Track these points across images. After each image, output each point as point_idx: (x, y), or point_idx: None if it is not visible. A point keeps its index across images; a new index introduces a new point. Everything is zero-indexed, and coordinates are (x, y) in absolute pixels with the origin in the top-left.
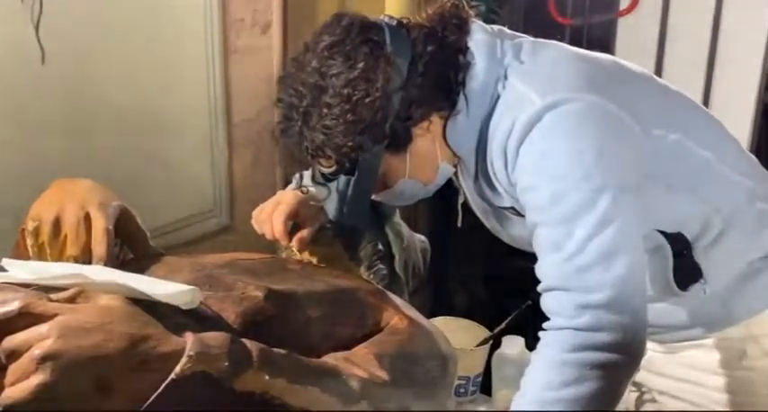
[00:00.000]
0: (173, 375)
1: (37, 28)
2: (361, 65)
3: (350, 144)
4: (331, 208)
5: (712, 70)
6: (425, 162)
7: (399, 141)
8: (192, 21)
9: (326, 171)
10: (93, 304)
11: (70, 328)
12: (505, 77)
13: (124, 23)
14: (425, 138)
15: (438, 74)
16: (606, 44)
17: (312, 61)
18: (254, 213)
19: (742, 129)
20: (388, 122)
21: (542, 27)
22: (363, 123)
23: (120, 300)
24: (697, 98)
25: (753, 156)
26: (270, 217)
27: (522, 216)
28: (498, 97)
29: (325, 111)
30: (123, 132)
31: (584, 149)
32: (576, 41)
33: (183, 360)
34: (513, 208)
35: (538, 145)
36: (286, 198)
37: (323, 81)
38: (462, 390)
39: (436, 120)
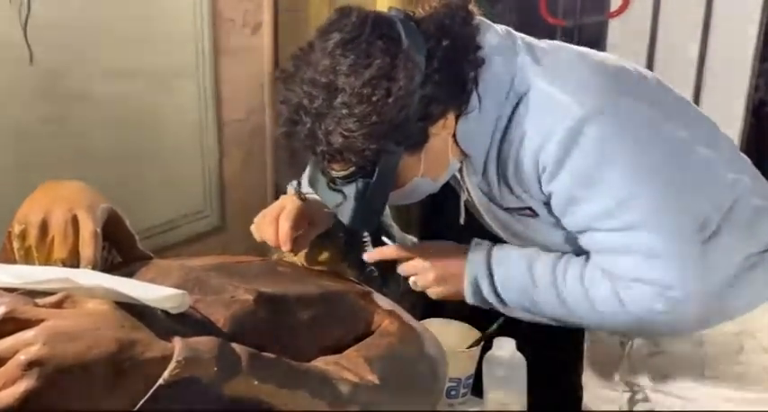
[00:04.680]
0: (161, 381)
1: (25, 28)
2: (378, 62)
3: (373, 147)
4: (345, 213)
5: (703, 70)
6: (438, 160)
7: (418, 141)
8: (181, 21)
9: (340, 175)
10: (80, 309)
11: (57, 334)
12: (522, 77)
13: (113, 24)
14: (440, 137)
15: (454, 69)
16: (597, 45)
17: (322, 60)
18: (257, 219)
19: (732, 128)
20: (411, 122)
21: (534, 28)
22: (387, 125)
23: (108, 304)
24: (688, 98)
25: (744, 156)
26: (275, 221)
27: (536, 216)
28: (520, 97)
29: (343, 112)
30: (113, 133)
31: (637, 153)
32: (567, 43)
33: (172, 365)
34: (529, 208)
35: (590, 156)
36: (291, 203)
37: (337, 80)
38: (453, 392)
39: (451, 118)
